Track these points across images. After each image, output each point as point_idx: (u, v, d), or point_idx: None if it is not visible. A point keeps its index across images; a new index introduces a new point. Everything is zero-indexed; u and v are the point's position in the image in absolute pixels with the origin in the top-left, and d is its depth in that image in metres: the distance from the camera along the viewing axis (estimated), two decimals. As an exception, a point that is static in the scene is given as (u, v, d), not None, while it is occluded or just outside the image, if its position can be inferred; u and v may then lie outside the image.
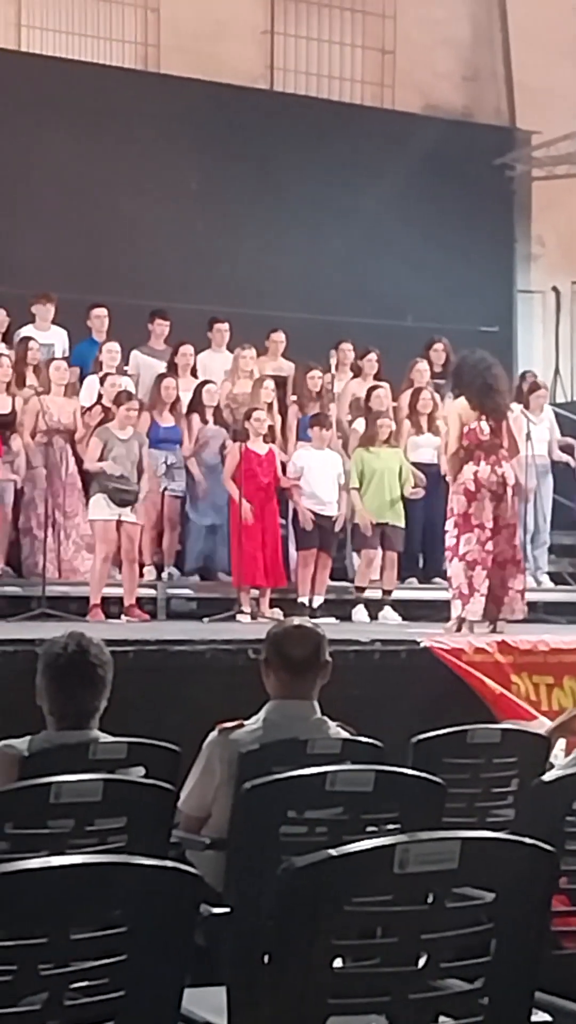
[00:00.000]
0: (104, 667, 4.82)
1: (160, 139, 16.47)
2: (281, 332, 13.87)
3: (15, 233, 15.39)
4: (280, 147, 17.10)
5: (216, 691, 8.25)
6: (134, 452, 11.59)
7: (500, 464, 10.67)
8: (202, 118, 16.76)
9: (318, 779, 4.17)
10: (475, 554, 10.56)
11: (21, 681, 5.62)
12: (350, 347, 14.12)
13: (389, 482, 12.59)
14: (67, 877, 2.50)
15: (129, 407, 11.73)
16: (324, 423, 12.70)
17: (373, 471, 12.57)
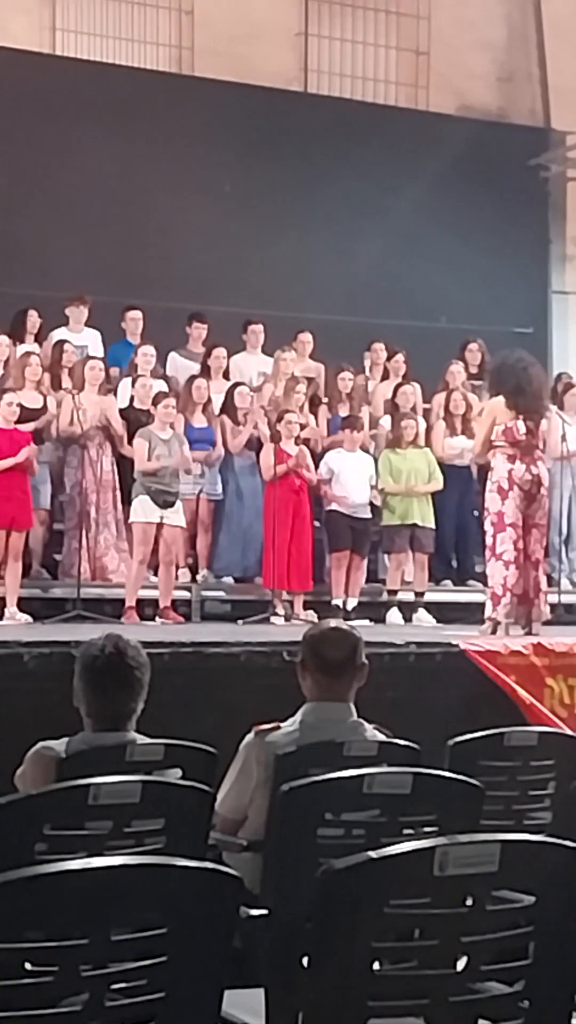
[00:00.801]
0: (141, 669, 4.83)
1: (194, 142, 16.49)
2: (308, 333, 13.88)
3: (50, 236, 15.44)
4: (314, 149, 17.09)
5: (251, 693, 8.25)
6: (175, 451, 11.62)
7: (535, 464, 10.65)
8: (236, 121, 16.77)
9: (355, 781, 4.17)
10: (510, 554, 10.55)
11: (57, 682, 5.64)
12: (382, 347, 14.13)
13: (416, 483, 12.57)
14: (108, 878, 2.51)
15: (166, 404, 11.76)
16: (355, 425, 12.71)
17: (400, 472, 12.56)
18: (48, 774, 4.62)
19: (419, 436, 12.91)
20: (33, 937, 2.52)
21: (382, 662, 8.43)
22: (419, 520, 12.57)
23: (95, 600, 11.65)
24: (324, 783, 4.24)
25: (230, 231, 16.62)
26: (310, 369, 13.72)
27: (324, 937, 2.74)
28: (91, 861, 2.53)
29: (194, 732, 5.23)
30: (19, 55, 16.11)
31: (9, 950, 2.47)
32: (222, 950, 2.62)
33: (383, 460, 12.65)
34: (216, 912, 2.60)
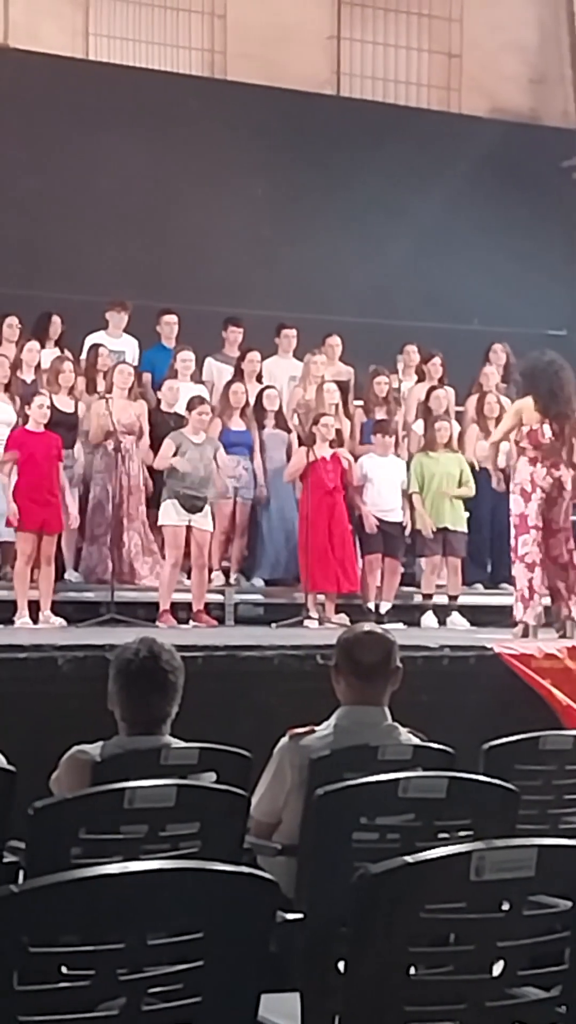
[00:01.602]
0: (175, 673, 4.83)
1: (226, 146, 16.50)
2: (336, 336, 13.87)
3: (83, 240, 15.48)
4: (346, 152, 17.09)
5: (284, 697, 8.25)
6: (207, 456, 11.62)
7: (557, 468, 10.62)
8: (268, 124, 16.78)
9: (391, 785, 4.16)
10: (533, 556, 10.53)
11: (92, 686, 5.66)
12: (415, 349, 14.12)
13: (448, 487, 12.56)
14: (145, 882, 2.51)
15: (201, 411, 11.76)
16: (387, 429, 12.70)
17: (432, 475, 12.55)
18: (83, 778, 4.62)
19: (452, 439, 12.89)
20: (70, 941, 2.52)
21: (416, 666, 8.42)
22: (450, 524, 12.56)
23: (128, 604, 11.67)
24: (359, 787, 4.23)
25: (262, 235, 16.63)
26: (340, 372, 13.71)
27: (360, 941, 2.74)
28: (128, 865, 2.53)
29: (227, 736, 5.22)
30: (52, 60, 16.17)
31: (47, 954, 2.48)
32: (258, 955, 2.62)
33: (415, 464, 12.64)
34: (252, 917, 2.60)
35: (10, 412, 11.94)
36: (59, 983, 2.53)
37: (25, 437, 11.31)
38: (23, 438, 11.30)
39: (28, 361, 12.53)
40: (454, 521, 12.57)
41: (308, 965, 3.82)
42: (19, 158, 15.54)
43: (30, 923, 2.45)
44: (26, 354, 12.54)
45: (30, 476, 11.15)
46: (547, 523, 10.58)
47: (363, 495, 12.46)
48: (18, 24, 16.33)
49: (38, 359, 12.57)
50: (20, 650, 8.31)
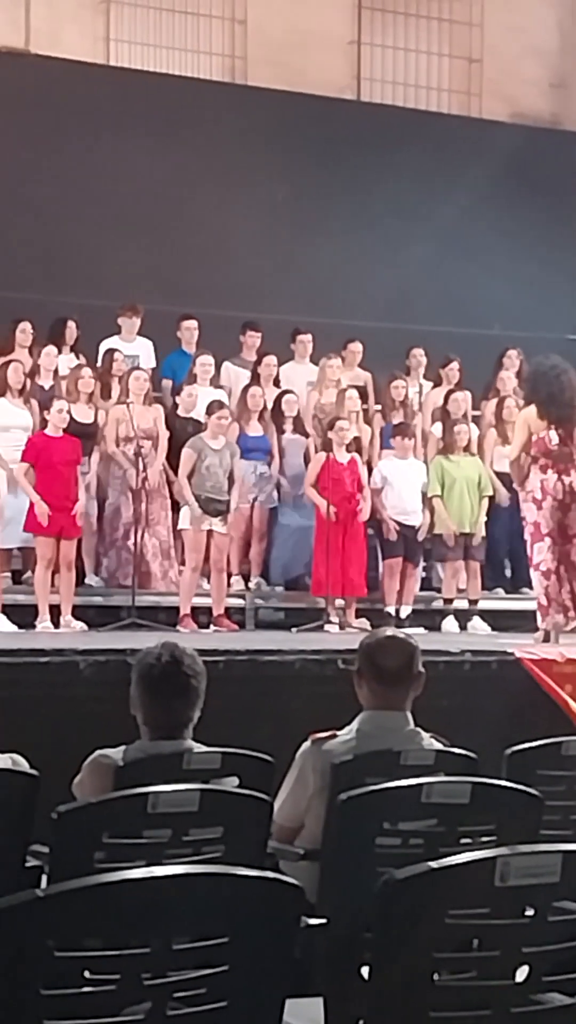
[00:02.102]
0: (197, 677, 4.84)
1: (247, 151, 16.52)
2: (359, 342, 13.88)
3: (103, 245, 15.50)
4: (367, 157, 17.09)
5: (305, 701, 8.26)
6: (226, 461, 11.63)
7: (568, 473, 10.60)
8: (289, 129, 16.79)
9: (414, 791, 4.16)
10: (548, 563, 10.52)
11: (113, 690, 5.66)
12: (422, 352, 14.10)
13: (469, 491, 12.54)
14: (170, 887, 2.51)
15: (220, 415, 11.77)
16: (407, 432, 12.69)
17: (453, 480, 12.53)
18: (106, 782, 4.63)
19: (472, 443, 12.87)
20: (95, 945, 2.52)
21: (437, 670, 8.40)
22: (472, 528, 12.54)
23: (149, 608, 11.68)
24: (382, 792, 4.23)
25: (282, 239, 16.65)
26: (359, 377, 13.72)
27: (385, 947, 2.73)
28: (153, 870, 2.53)
29: (249, 740, 5.23)
30: (73, 65, 16.21)
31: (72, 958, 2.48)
32: (283, 960, 2.62)
33: (435, 467, 12.62)
34: (277, 922, 2.60)
35: (27, 417, 11.96)
36: (84, 987, 2.53)
37: (44, 442, 11.35)
38: (42, 443, 11.33)
39: (46, 366, 12.55)
40: (476, 525, 12.55)
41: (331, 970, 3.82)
42: (39, 163, 15.59)
43: (55, 927, 2.45)
44: (44, 359, 12.56)
45: (48, 481, 11.19)
46: (562, 529, 10.56)
47: (383, 499, 12.45)
48: (40, 30, 16.37)
49: (56, 364, 12.59)
50: (42, 654, 8.34)
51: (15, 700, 7.81)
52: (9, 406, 11.91)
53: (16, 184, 15.46)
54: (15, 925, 2.39)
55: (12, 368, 12.01)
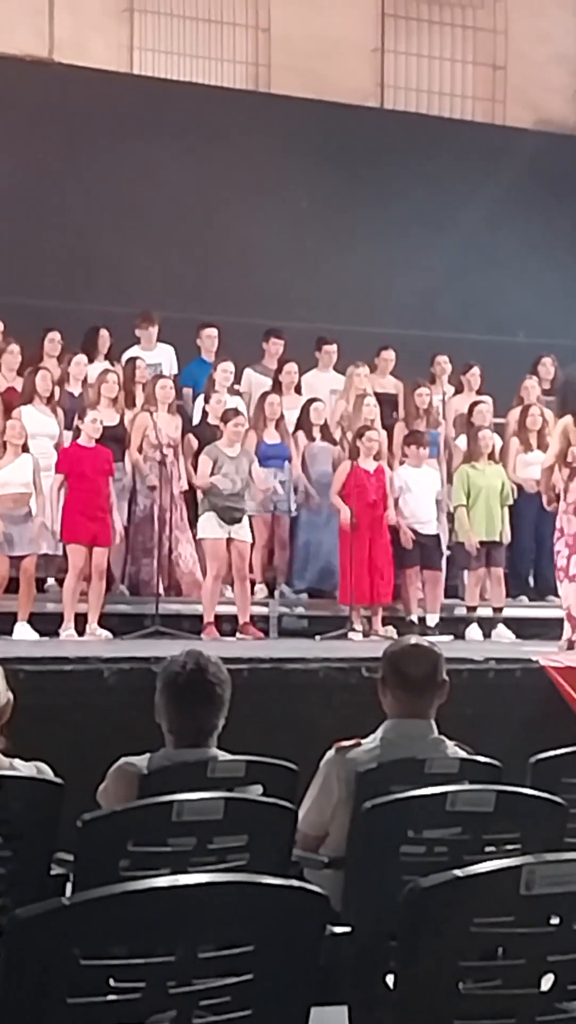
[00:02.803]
0: (222, 685, 4.84)
1: (270, 159, 16.54)
2: (391, 350, 13.89)
3: (128, 253, 15.53)
4: (391, 165, 17.09)
5: (329, 709, 8.26)
6: (243, 469, 11.65)
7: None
8: (313, 137, 16.80)
9: (438, 799, 4.16)
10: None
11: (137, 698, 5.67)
12: (446, 359, 14.08)
13: (493, 500, 12.53)
14: (196, 895, 2.51)
15: (236, 423, 11.79)
16: (420, 441, 12.69)
17: (479, 488, 12.52)
18: (130, 790, 4.63)
19: (495, 451, 12.86)
20: (120, 953, 2.53)
21: (461, 678, 8.40)
22: (496, 537, 12.52)
23: (173, 616, 11.70)
24: (407, 800, 4.23)
25: (306, 247, 16.66)
26: (390, 386, 13.72)
27: (410, 955, 2.73)
28: (179, 878, 2.53)
29: (273, 748, 5.23)
30: (97, 74, 16.24)
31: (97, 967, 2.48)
32: (308, 968, 2.62)
33: (461, 476, 12.60)
34: (303, 930, 2.60)
35: (53, 425, 12.01)
36: (109, 996, 2.54)
37: (77, 452, 11.40)
38: (75, 453, 11.39)
39: (75, 375, 12.59)
40: (498, 533, 12.53)
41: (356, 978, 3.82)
42: (62, 171, 15.63)
43: (80, 935, 2.45)
44: (73, 368, 12.61)
45: (80, 491, 11.25)
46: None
47: (398, 507, 12.45)
48: (64, 39, 16.41)
49: (85, 372, 12.63)
50: (66, 662, 8.36)
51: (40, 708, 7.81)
52: (36, 413, 11.95)
53: (40, 192, 15.51)
54: (41, 933, 2.40)
55: (40, 376, 12.07)
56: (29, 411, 11.92)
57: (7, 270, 14.88)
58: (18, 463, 11.25)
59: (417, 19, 18.32)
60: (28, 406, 11.96)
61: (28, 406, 11.96)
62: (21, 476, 11.24)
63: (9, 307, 13.44)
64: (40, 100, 15.75)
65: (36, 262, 15.24)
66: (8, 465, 11.24)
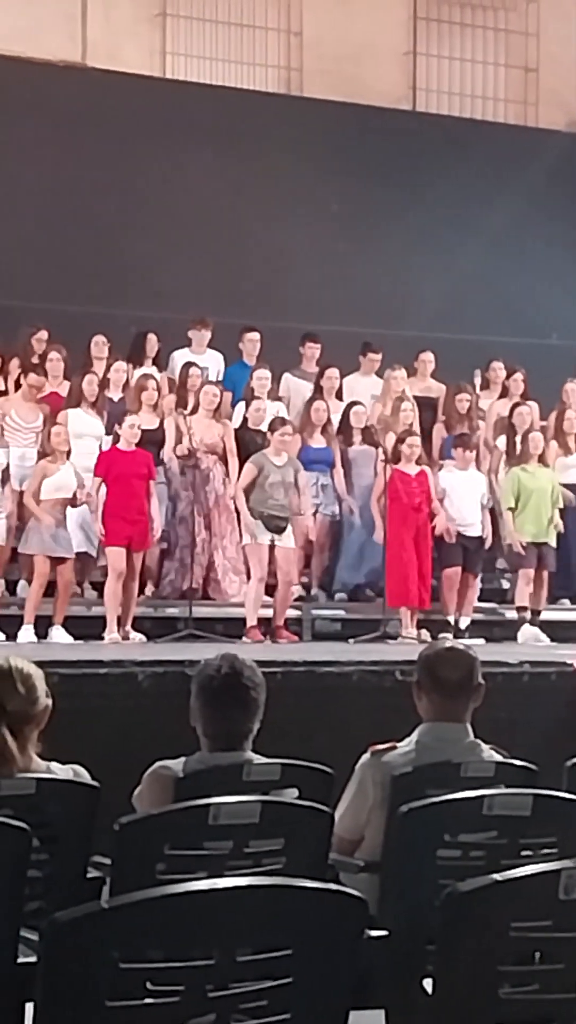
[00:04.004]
0: (257, 689, 4.83)
1: (303, 162, 16.55)
2: (430, 352, 13.87)
3: (163, 258, 15.56)
4: (423, 167, 17.08)
5: (364, 712, 8.24)
6: (289, 478, 11.67)
7: None
8: (345, 140, 16.81)
9: (475, 803, 4.15)
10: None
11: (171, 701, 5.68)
12: (501, 366, 14.05)
13: (544, 502, 12.49)
14: (235, 899, 2.51)
15: (283, 432, 11.81)
16: (468, 444, 12.67)
17: (531, 491, 12.47)
18: (166, 794, 4.64)
19: (546, 453, 12.83)
20: (158, 957, 2.53)
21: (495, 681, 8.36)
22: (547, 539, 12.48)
23: (206, 619, 11.70)
24: (443, 804, 4.22)
25: (339, 250, 16.66)
26: (431, 389, 13.70)
27: (448, 959, 2.73)
28: (217, 882, 2.54)
29: (306, 752, 5.22)
30: (130, 79, 16.30)
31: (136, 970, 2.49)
32: (347, 972, 2.62)
33: (512, 478, 12.54)
34: (341, 934, 2.60)
35: (99, 426, 12.10)
36: (148, 999, 2.54)
37: (115, 456, 11.46)
38: (113, 457, 11.44)
39: (115, 381, 12.64)
40: (550, 536, 12.49)
41: (393, 982, 3.81)
42: (98, 176, 15.66)
43: (120, 939, 2.46)
44: (113, 374, 12.66)
45: (119, 494, 11.31)
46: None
47: (444, 509, 12.42)
48: (97, 44, 16.46)
49: (125, 378, 12.67)
50: (100, 665, 8.37)
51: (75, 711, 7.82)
52: (83, 415, 12.10)
53: (74, 198, 15.55)
54: (81, 936, 2.41)
55: (87, 380, 12.24)
56: (76, 413, 12.05)
57: (44, 277, 14.94)
58: (64, 470, 11.34)
59: (449, 22, 18.31)
60: (76, 409, 12.07)
61: (76, 409, 12.07)
62: (68, 482, 11.32)
63: (49, 314, 13.50)
64: (74, 105, 15.79)
65: (71, 268, 15.29)
66: (56, 473, 11.30)
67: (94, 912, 2.44)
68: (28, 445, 11.81)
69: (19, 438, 11.87)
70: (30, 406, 12.13)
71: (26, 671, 4.50)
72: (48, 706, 4.52)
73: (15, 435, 11.87)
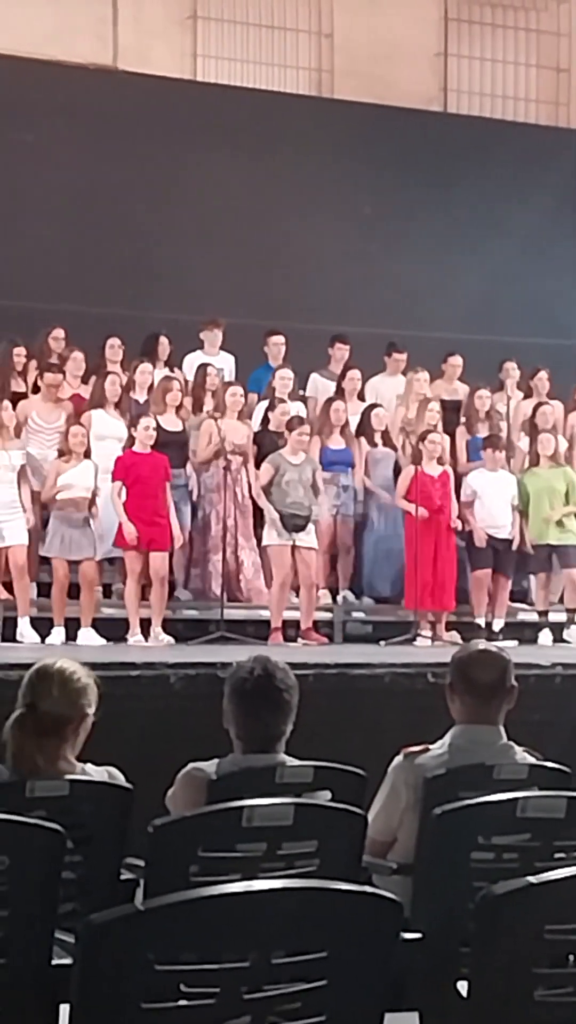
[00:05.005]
0: (290, 691, 4.84)
1: (334, 164, 16.55)
2: (458, 356, 13.85)
3: (191, 260, 15.57)
4: (454, 169, 17.06)
5: (395, 715, 8.24)
6: (306, 476, 11.65)
7: None
8: (376, 142, 16.80)
9: (509, 805, 4.14)
10: None
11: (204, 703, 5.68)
12: (514, 366, 14.03)
13: (551, 501, 12.44)
14: (269, 901, 2.51)
15: (300, 432, 11.80)
16: (497, 444, 12.64)
17: (536, 491, 12.46)
18: (199, 796, 4.64)
19: (558, 453, 12.78)
20: (193, 959, 2.53)
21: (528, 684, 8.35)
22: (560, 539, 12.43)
23: (237, 621, 11.70)
24: (477, 807, 4.21)
25: (369, 252, 16.65)
26: (458, 392, 13.68)
27: (484, 962, 2.73)
28: (253, 884, 2.53)
29: (338, 754, 5.22)
30: (161, 82, 16.31)
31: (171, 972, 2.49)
32: (382, 975, 2.61)
33: (521, 480, 12.55)
34: (376, 936, 2.59)
35: (122, 428, 12.07)
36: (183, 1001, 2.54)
37: (132, 459, 11.44)
38: (130, 460, 11.43)
39: (141, 383, 12.64)
40: (563, 536, 12.43)
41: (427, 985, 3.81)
42: (127, 179, 15.69)
43: (156, 940, 2.46)
44: (139, 375, 12.65)
45: (137, 497, 11.30)
46: None
47: (473, 511, 12.40)
48: (127, 47, 16.48)
49: (150, 380, 12.67)
50: (132, 668, 8.38)
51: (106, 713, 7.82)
52: (106, 417, 12.08)
53: (105, 200, 15.58)
54: (117, 938, 2.41)
55: (109, 381, 12.21)
56: (99, 415, 12.04)
57: (70, 278, 14.97)
58: (81, 468, 11.34)
59: (480, 23, 18.28)
60: (99, 410, 12.06)
61: (99, 410, 12.06)
62: (84, 480, 11.32)
63: (72, 315, 13.52)
64: (104, 108, 15.82)
65: (99, 270, 15.31)
66: (72, 469, 11.30)
67: (130, 914, 2.44)
68: (51, 446, 11.77)
69: (41, 439, 11.85)
70: (50, 406, 12.12)
71: (69, 674, 4.55)
72: (88, 714, 4.54)
73: (37, 436, 11.83)
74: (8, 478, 11.23)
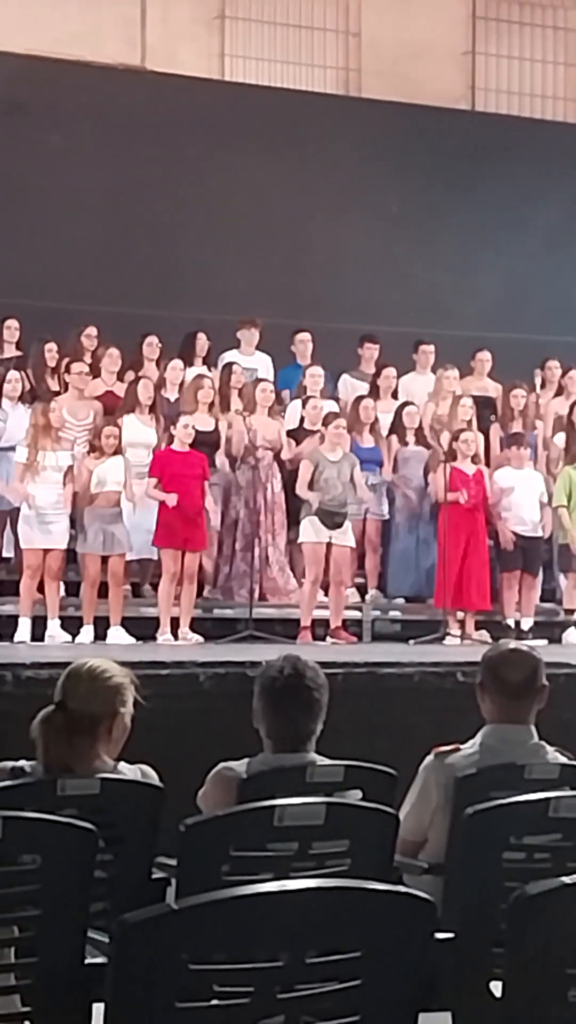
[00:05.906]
0: (320, 690, 4.84)
1: (361, 163, 16.55)
2: (487, 352, 13.82)
3: (219, 259, 15.59)
4: (482, 167, 17.04)
5: (425, 714, 8.23)
6: (345, 473, 11.64)
7: None
8: (403, 141, 16.78)
9: (541, 805, 4.13)
10: None
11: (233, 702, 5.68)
12: (557, 364, 14.01)
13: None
14: (303, 901, 2.51)
15: (337, 425, 11.80)
16: (521, 442, 12.61)
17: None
18: (230, 795, 4.65)
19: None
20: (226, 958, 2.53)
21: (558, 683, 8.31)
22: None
23: (266, 620, 11.70)
24: (507, 807, 4.20)
25: (397, 251, 16.64)
26: (487, 388, 13.66)
27: (517, 962, 2.72)
28: (286, 884, 2.54)
29: (368, 753, 5.21)
30: (189, 81, 16.33)
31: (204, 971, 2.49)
32: (415, 975, 2.61)
33: (563, 477, 12.49)
34: (409, 936, 2.59)
35: (151, 434, 12.04)
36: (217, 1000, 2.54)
37: (170, 457, 11.45)
38: (168, 458, 11.43)
39: (172, 380, 12.65)
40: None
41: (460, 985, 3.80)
42: (155, 179, 15.72)
43: (189, 940, 2.46)
44: (170, 373, 12.68)
45: (174, 495, 11.29)
46: None
47: (501, 510, 12.37)
48: (155, 47, 16.51)
49: (182, 377, 12.68)
50: (162, 667, 8.39)
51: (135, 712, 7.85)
52: (137, 423, 12.03)
53: (134, 200, 15.61)
54: (150, 937, 2.41)
55: (142, 384, 12.17)
56: (131, 420, 12.00)
57: (100, 278, 15.00)
58: (112, 463, 11.33)
59: (508, 21, 18.24)
60: (131, 415, 12.04)
61: (131, 415, 12.04)
62: (115, 475, 11.32)
63: (103, 315, 13.54)
64: (132, 108, 15.86)
65: (128, 270, 15.34)
66: (103, 464, 11.31)
67: (163, 913, 2.44)
68: (80, 443, 11.77)
69: (73, 435, 11.88)
70: (80, 403, 12.15)
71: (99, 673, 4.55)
72: (121, 712, 4.54)
73: (68, 433, 11.85)
74: (55, 479, 11.24)
